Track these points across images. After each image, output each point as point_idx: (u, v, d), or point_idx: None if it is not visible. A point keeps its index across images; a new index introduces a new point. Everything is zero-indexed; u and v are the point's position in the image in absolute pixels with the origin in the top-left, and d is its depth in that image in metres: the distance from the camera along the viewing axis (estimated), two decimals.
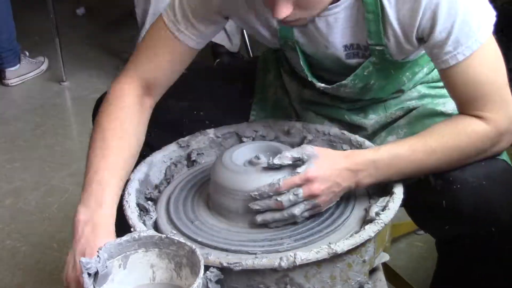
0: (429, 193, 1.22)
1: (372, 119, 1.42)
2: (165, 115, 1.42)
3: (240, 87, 1.52)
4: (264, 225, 1.18)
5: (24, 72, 3.49)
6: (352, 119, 1.43)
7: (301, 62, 1.34)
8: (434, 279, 1.41)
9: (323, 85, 1.35)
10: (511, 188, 1.21)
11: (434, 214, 1.23)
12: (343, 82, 1.32)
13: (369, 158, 1.19)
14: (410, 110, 1.39)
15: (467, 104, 1.22)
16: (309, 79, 1.36)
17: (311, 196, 1.15)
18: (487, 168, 1.21)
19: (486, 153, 1.22)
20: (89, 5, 4.41)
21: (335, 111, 1.45)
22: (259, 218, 1.17)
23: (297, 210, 1.15)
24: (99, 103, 1.37)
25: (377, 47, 1.26)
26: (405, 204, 1.23)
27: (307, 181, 1.15)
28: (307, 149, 1.19)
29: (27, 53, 3.55)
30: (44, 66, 3.58)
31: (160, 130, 1.40)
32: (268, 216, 1.16)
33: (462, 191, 1.18)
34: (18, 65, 3.46)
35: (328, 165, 1.17)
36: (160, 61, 1.33)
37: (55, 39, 3.40)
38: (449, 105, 1.34)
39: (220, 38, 3.17)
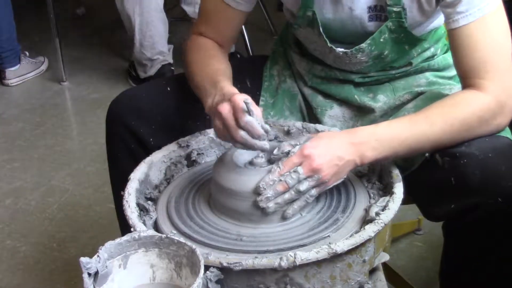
0: (438, 173, 1.23)
1: (380, 101, 1.44)
2: (180, 121, 1.44)
3: (249, 85, 1.54)
4: (283, 218, 1.18)
5: (24, 72, 3.49)
6: (361, 100, 1.45)
7: (320, 29, 1.37)
8: (442, 266, 1.40)
9: (342, 49, 1.38)
10: None
11: (442, 192, 1.23)
12: (362, 45, 1.35)
13: (370, 131, 1.21)
14: (418, 94, 1.42)
15: (470, 71, 1.25)
16: (329, 44, 1.38)
17: (312, 171, 1.15)
18: (492, 143, 1.23)
19: (488, 125, 1.24)
20: (89, 5, 4.42)
21: (344, 90, 1.46)
22: (271, 204, 1.16)
23: (301, 186, 1.15)
24: (113, 108, 1.46)
25: (395, 8, 1.30)
26: (410, 190, 1.24)
27: (305, 157, 1.16)
28: (303, 136, 1.21)
29: (27, 53, 3.56)
30: (44, 66, 3.58)
31: (175, 135, 1.42)
32: (279, 199, 1.16)
33: (469, 164, 1.19)
34: (18, 65, 3.46)
35: (326, 140, 1.19)
36: (221, 28, 1.49)
37: (55, 39, 3.40)
38: (456, 90, 1.37)
39: None
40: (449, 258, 1.37)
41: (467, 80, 1.27)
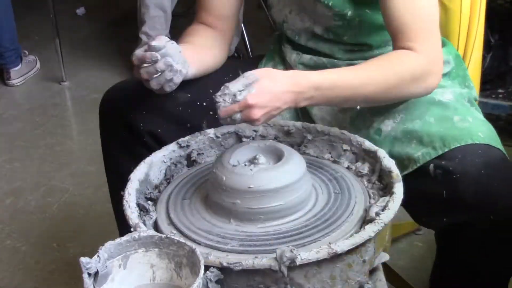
0: (429, 184, 1.24)
1: None
2: (171, 108, 1.45)
3: None
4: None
5: (26, 71, 3.50)
6: None
7: None
8: (433, 273, 1.41)
9: None
10: (509, 176, 1.23)
11: (434, 204, 1.24)
12: None
13: (313, 81, 1.24)
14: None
15: (400, 33, 1.30)
16: None
17: (249, 120, 1.21)
18: (485, 158, 1.23)
19: (419, 83, 1.29)
20: (89, 5, 4.42)
21: None
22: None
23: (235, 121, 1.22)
24: (105, 97, 1.51)
25: None
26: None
27: (246, 107, 1.19)
28: (249, 76, 1.22)
29: (27, 52, 3.56)
30: (38, 65, 3.59)
31: (165, 121, 1.44)
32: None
33: (462, 180, 1.20)
34: (20, 65, 3.47)
35: (270, 88, 1.21)
36: (218, 9, 1.52)
37: (55, 39, 3.41)
38: (447, 95, 1.39)
39: None
40: (440, 267, 1.38)
41: (398, 42, 1.31)
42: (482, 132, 1.28)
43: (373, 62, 1.30)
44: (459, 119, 1.31)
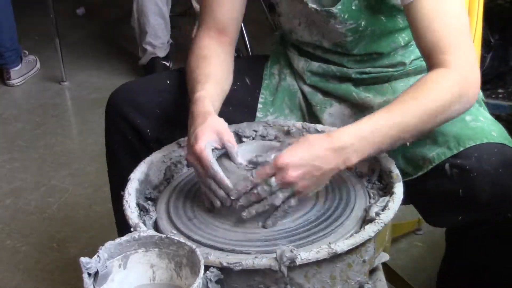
0: (445, 183, 1.23)
1: (380, 99, 1.44)
2: (178, 114, 1.44)
3: (249, 83, 1.54)
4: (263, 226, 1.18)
5: (26, 71, 3.50)
6: (359, 96, 1.45)
7: None
8: (440, 272, 1.40)
9: (314, 5, 1.38)
10: None
11: (450, 203, 1.23)
12: (332, 8, 1.36)
13: (352, 132, 1.18)
14: None
15: (431, 48, 1.25)
16: (304, 0, 1.39)
17: (285, 184, 1.13)
18: (501, 156, 1.23)
19: (461, 100, 1.23)
20: (89, 5, 4.42)
21: (342, 88, 1.47)
22: (244, 213, 1.16)
23: (276, 200, 1.14)
24: (111, 99, 1.47)
25: None
26: (413, 197, 1.24)
27: (279, 169, 1.12)
28: (287, 141, 1.19)
29: (27, 52, 3.56)
30: (38, 65, 3.59)
31: (172, 128, 1.44)
32: (252, 210, 1.15)
33: (479, 179, 1.19)
34: (20, 65, 3.47)
35: (303, 149, 1.14)
36: (222, 13, 1.46)
37: (55, 39, 3.40)
38: None
39: None
40: (449, 266, 1.37)
41: (430, 59, 1.27)
42: (495, 131, 1.28)
43: (407, 94, 1.23)
44: (471, 118, 1.30)
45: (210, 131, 1.20)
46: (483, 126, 1.28)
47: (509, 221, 1.21)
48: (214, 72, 1.37)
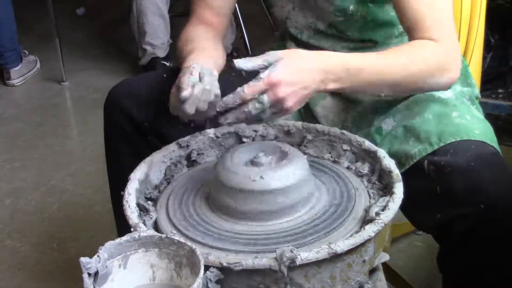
0: (424, 181, 1.23)
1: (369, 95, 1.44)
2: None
3: (245, 75, 1.54)
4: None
5: (26, 71, 3.50)
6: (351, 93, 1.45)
7: None
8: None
9: None
10: (499, 169, 1.23)
11: (428, 201, 1.24)
12: None
13: (343, 60, 1.20)
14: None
15: (416, 27, 1.27)
16: None
17: (277, 101, 1.14)
18: (477, 152, 1.23)
19: (442, 74, 1.26)
20: (89, 5, 4.42)
21: None
22: (222, 120, 1.19)
23: (264, 116, 1.16)
24: (111, 94, 1.49)
25: None
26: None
27: (272, 85, 1.13)
28: (270, 54, 1.18)
29: (27, 52, 3.56)
30: (38, 65, 3.59)
31: (170, 121, 1.43)
32: (231, 117, 1.19)
33: (453, 173, 1.20)
34: (20, 65, 3.47)
35: (296, 66, 1.16)
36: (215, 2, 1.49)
37: (55, 39, 3.41)
38: (447, 93, 1.38)
39: None
40: (444, 266, 1.37)
41: (414, 34, 1.28)
42: (479, 129, 1.28)
43: (397, 48, 1.28)
44: (457, 115, 1.31)
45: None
46: (467, 124, 1.29)
47: (484, 216, 1.20)
48: (203, 47, 1.39)
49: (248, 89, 1.14)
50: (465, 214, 1.20)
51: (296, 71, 1.14)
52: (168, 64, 3.37)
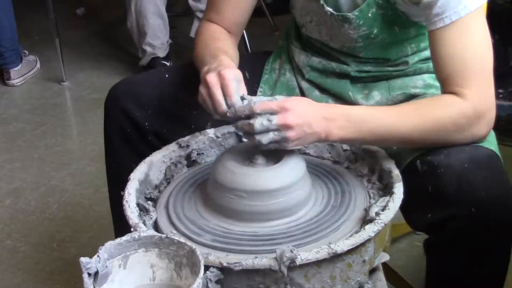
0: (416, 181, 1.23)
1: (373, 100, 1.44)
2: (177, 108, 1.46)
3: (248, 77, 1.54)
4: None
5: (26, 71, 3.50)
6: (354, 97, 1.45)
7: None
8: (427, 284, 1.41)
9: (330, 9, 1.38)
10: (492, 172, 1.22)
11: (419, 200, 1.23)
12: (349, 14, 1.35)
13: (344, 110, 1.23)
14: (413, 96, 1.42)
15: (448, 78, 1.24)
16: (321, 2, 1.39)
17: (284, 126, 1.15)
18: (471, 154, 1.23)
19: (462, 132, 1.23)
20: (89, 5, 4.42)
21: (340, 85, 1.47)
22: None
23: (264, 139, 1.16)
24: (111, 92, 1.49)
25: None
26: None
27: (284, 109, 1.15)
28: (280, 97, 1.21)
29: (27, 52, 3.55)
30: (38, 65, 3.59)
31: (170, 122, 1.45)
32: (239, 130, 1.20)
33: (446, 174, 1.19)
34: (20, 65, 3.47)
35: (305, 104, 1.20)
36: (229, 13, 1.50)
37: (55, 39, 3.40)
38: None
39: None
40: (432, 277, 1.37)
41: (446, 86, 1.26)
42: None
43: (411, 103, 1.27)
44: None
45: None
46: None
47: (475, 218, 1.19)
48: (225, 48, 1.40)
49: (259, 105, 1.16)
50: (455, 215, 1.20)
51: (306, 109, 1.18)
52: (168, 63, 3.37)
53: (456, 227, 1.20)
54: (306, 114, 1.17)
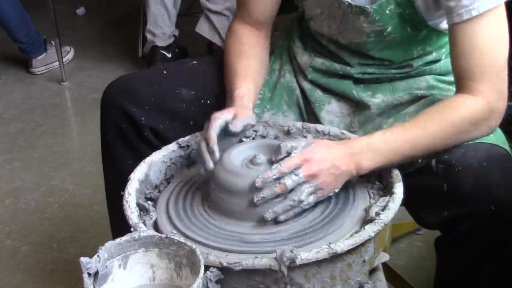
0: (431, 179, 1.24)
1: (378, 98, 1.44)
2: (175, 104, 1.46)
3: None
4: (275, 221, 1.17)
5: (51, 60, 3.52)
6: (359, 95, 1.45)
7: None
8: (436, 280, 1.40)
9: (349, 0, 1.37)
10: (509, 170, 1.23)
11: (434, 199, 1.24)
12: (367, 6, 1.35)
13: (365, 141, 1.23)
14: (418, 98, 1.42)
15: (467, 72, 1.26)
16: None
17: (311, 176, 1.16)
18: (487, 152, 1.24)
19: (479, 128, 1.25)
20: (89, 5, 4.42)
21: (343, 85, 1.47)
22: (268, 214, 1.16)
23: (303, 195, 1.16)
24: (107, 90, 1.49)
25: None
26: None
27: (305, 161, 1.17)
28: (302, 139, 1.23)
29: (53, 42, 3.55)
30: (70, 56, 3.62)
31: (167, 118, 1.45)
32: (278, 209, 1.17)
33: (463, 172, 1.21)
34: (44, 54, 3.51)
35: (324, 147, 1.20)
36: (257, 8, 1.51)
37: (55, 39, 3.40)
38: None
39: (211, 35, 3.25)
40: (442, 275, 1.37)
41: (461, 81, 1.28)
42: (494, 134, 1.29)
43: (425, 113, 1.27)
44: None
45: (232, 110, 1.30)
46: None
47: (495, 218, 1.20)
48: (250, 67, 1.44)
49: (285, 163, 1.17)
50: (472, 213, 1.20)
51: (326, 153, 1.19)
52: (168, 55, 3.37)
53: (473, 225, 1.21)
54: (327, 158, 1.18)
